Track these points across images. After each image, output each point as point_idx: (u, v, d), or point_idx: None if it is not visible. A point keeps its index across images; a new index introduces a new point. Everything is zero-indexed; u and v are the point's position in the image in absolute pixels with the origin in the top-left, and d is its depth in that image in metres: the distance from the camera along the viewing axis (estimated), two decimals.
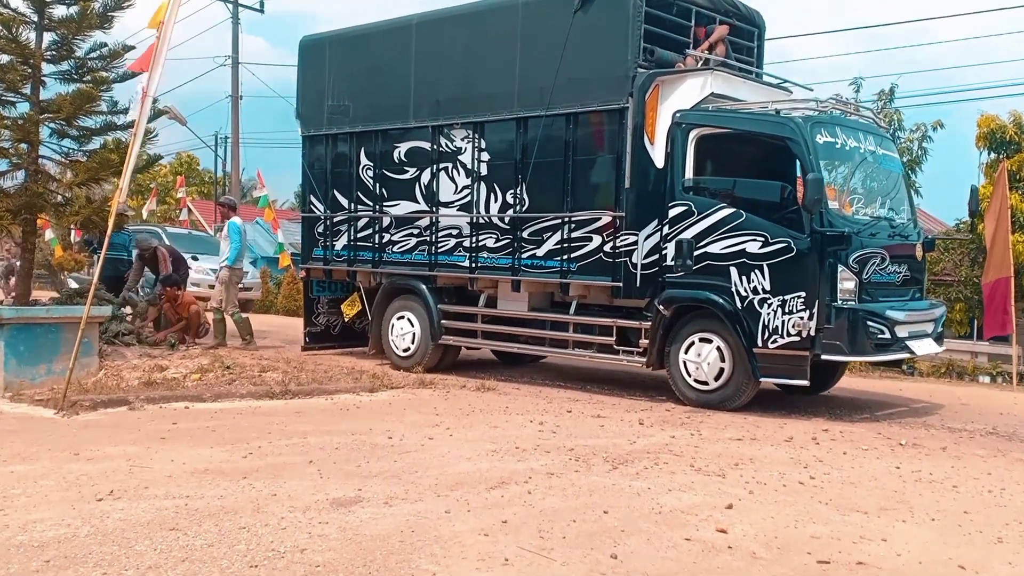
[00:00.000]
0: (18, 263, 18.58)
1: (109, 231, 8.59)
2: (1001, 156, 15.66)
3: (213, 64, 26.51)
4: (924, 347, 7.92)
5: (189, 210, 33.09)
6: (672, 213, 8.01)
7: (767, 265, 7.54)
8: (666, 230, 8.10)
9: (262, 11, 25.55)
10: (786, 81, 9.49)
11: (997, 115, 15.92)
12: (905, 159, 17.07)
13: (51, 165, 11.62)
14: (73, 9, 10.95)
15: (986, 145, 15.84)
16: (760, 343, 7.57)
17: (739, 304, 7.64)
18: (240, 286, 13.09)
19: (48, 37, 11.05)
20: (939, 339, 8.30)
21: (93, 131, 11.29)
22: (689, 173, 8.00)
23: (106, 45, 11.19)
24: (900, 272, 8.07)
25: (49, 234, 22.59)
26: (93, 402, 6.45)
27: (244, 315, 11.94)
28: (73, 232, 17.93)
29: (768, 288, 7.53)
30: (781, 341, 7.50)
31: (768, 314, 7.52)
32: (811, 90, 9.55)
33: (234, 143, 25.62)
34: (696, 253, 7.78)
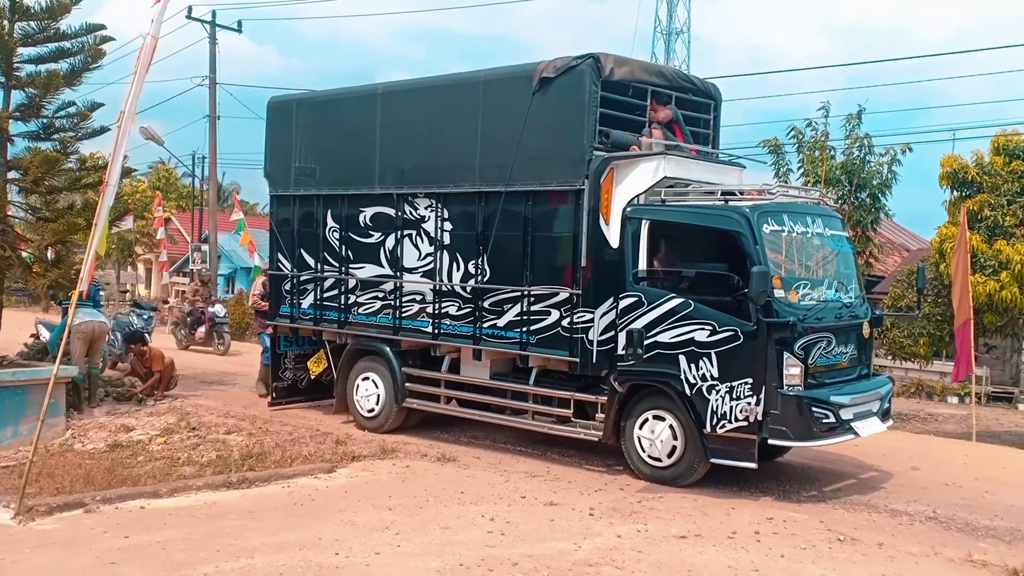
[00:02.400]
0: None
1: (74, 300, 8.71)
2: (963, 195, 15.94)
3: (191, 84, 26.29)
4: (869, 427, 8.15)
5: (168, 220, 33.05)
6: (623, 304, 8.22)
7: (715, 353, 7.76)
8: (618, 317, 8.30)
9: (240, 31, 25.53)
10: (739, 157, 9.71)
11: (960, 155, 16.20)
12: (875, 182, 17.39)
13: (20, 223, 11.72)
14: (41, 68, 11.05)
15: (949, 184, 16.11)
16: (709, 428, 7.79)
17: (688, 391, 7.86)
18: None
19: (16, 96, 11.14)
20: (885, 416, 8.54)
21: (61, 188, 11.41)
22: (642, 262, 8.20)
23: (74, 104, 11.30)
24: (847, 352, 8.31)
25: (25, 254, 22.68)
26: (49, 507, 6.59)
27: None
28: (50, 250, 17.98)
29: (716, 375, 7.74)
30: (729, 426, 7.72)
31: (716, 400, 7.74)
32: (766, 164, 9.74)
33: (211, 163, 25.62)
34: (646, 343, 7.97)
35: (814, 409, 7.68)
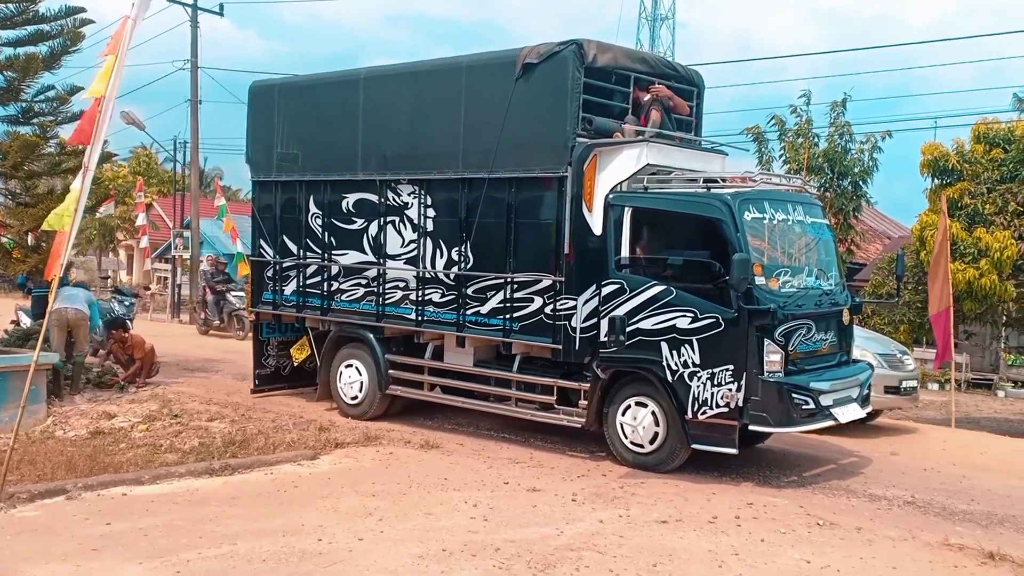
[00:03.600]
0: None
1: (54, 286, 8.65)
2: (944, 183, 16.05)
3: (172, 68, 26.02)
4: (848, 413, 8.22)
5: (150, 206, 32.82)
6: (605, 291, 8.25)
7: (696, 340, 7.80)
8: (600, 304, 8.32)
9: (221, 14, 25.29)
10: (721, 145, 9.74)
11: (941, 143, 16.33)
12: (856, 169, 17.49)
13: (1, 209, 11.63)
14: (20, 51, 10.93)
15: (930, 172, 16.23)
16: (691, 414, 7.84)
17: (670, 377, 7.90)
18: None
19: None
20: (864, 402, 8.60)
21: (40, 173, 11.32)
22: (624, 249, 8.23)
23: (53, 88, 11.19)
24: (827, 339, 8.37)
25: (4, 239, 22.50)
26: (30, 493, 6.57)
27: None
28: (30, 236, 17.87)
29: (698, 362, 7.79)
30: (711, 412, 7.77)
31: (698, 386, 7.78)
32: (747, 151, 9.78)
33: (193, 148, 25.42)
34: (628, 330, 8.00)
35: (794, 395, 7.74)
